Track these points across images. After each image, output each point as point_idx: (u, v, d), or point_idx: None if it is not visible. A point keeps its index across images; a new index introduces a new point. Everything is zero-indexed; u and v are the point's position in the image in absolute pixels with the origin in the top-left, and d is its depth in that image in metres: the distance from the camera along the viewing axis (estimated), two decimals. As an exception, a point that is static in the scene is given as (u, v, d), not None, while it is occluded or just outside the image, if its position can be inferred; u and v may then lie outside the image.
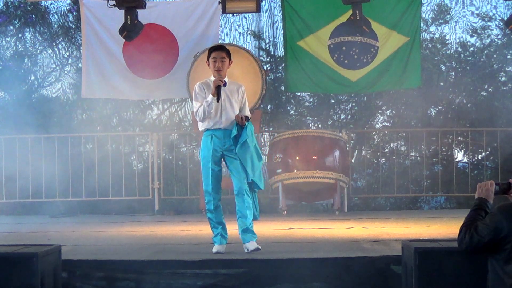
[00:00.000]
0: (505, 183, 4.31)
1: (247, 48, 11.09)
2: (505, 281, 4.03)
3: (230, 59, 6.57)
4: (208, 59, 6.59)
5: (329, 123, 12.30)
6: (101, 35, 10.87)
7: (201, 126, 6.58)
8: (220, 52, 6.55)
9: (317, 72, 10.84)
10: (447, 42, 12.21)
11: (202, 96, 6.52)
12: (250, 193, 6.52)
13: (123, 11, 9.29)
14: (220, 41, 10.89)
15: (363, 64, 10.78)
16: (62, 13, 12.36)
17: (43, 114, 11.53)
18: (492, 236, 4.05)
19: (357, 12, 9.47)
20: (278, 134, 10.49)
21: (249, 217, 6.48)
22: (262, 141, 11.52)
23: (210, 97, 6.41)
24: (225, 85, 6.48)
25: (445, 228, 8.17)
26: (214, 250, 6.47)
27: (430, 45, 12.20)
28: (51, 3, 12.24)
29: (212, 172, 6.45)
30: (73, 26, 12.23)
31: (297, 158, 9.98)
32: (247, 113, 6.62)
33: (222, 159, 6.56)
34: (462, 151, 11.97)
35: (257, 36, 12.21)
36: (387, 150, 12.22)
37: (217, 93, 6.39)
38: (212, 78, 6.55)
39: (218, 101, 6.39)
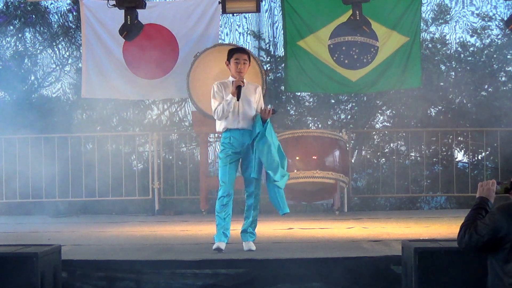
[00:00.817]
0: (506, 182, 4.31)
1: (247, 48, 11.10)
2: (505, 281, 4.03)
3: (250, 63, 6.78)
4: (228, 59, 6.73)
5: (329, 123, 12.29)
6: (101, 35, 10.87)
7: (219, 126, 6.73)
8: (243, 54, 6.74)
9: (317, 72, 10.83)
10: (447, 42, 12.20)
11: (220, 95, 6.68)
12: (275, 188, 6.61)
13: (123, 11, 9.28)
14: (220, 41, 10.89)
15: (363, 64, 10.77)
16: (62, 13, 12.35)
17: (43, 114, 11.53)
18: (491, 235, 4.05)
19: (357, 12, 9.46)
20: (278, 134, 10.46)
21: (252, 218, 6.68)
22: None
23: (230, 96, 6.59)
24: (238, 97, 6.62)
25: (445, 228, 8.18)
26: (214, 246, 6.55)
27: (430, 45, 12.19)
28: (51, 3, 12.23)
29: (229, 170, 6.61)
30: (73, 26, 12.22)
31: (297, 158, 9.97)
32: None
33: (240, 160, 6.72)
34: (462, 151, 11.96)
35: (257, 36, 12.21)
36: (387, 150, 12.21)
37: (238, 92, 6.55)
38: (231, 79, 6.73)
39: (238, 100, 6.56)
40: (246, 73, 6.72)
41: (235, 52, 6.75)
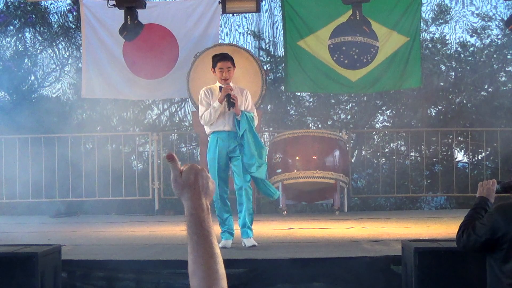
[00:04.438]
0: (507, 182, 4.30)
1: (247, 48, 11.10)
2: (503, 281, 4.02)
3: (234, 66, 6.89)
4: (213, 67, 6.84)
5: (329, 123, 12.30)
6: (101, 35, 10.87)
7: (207, 129, 6.95)
8: (226, 62, 6.82)
9: (317, 72, 10.84)
10: (447, 42, 12.21)
11: (207, 101, 6.84)
12: (261, 180, 6.83)
13: (123, 11, 9.28)
14: (220, 41, 10.89)
15: (363, 64, 10.77)
16: (62, 13, 12.36)
17: (43, 114, 11.53)
18: (488, 235, 4.04)
19: (357, 12, 9.46)
20: (278, 134, 10.49)
21: (246, 213, 6.78)
22: (262, 141, 11.51)
23: (216, 104, 6.75)
24: (229, 107, 6.76)
25: (445, 228, 8.17)
26: (220, 245, 6.62)
27: (430, 45, 12.20)
28: (51, 3, 12.24)
29: (218, 173, 6.81)
30: (73, 26, 12.23)
31: (297, 158, 9.98)
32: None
33: (229, 160, 6.89)
34: (462, 151, 11.97)
35: (257, 36, 12.21)
36: (387, 150, 12.22)
37: (227, 101, 6.69)
38: (218, 84, 6.87)
39: (229, 110, 6.72)
40: (232, 78, 6.83)
41: (218, 61, 6.82)
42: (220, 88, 6.78)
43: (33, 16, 12.19)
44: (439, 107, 12.27)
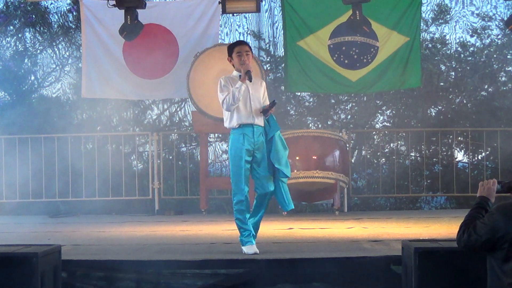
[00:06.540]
0: (507, 181, 4.31)
1: (247, 47, 11.08)
2: (503, 280, 4.03)
3: (252, 53, 6.63)
4: (230, 55, 6.56)
5: (329, 123, 12.29)
6: (101, 35, 10.87)
7: (230, 122, 6.49)
8: (243, 46, 6.59)
9: (317, 72, 10.84)
10: (447, 42, 12.20)
11: (227, 88, 6.46)
12: (281, 183, 6.50)
13: (123, 11, 9.29)
14: (220, 41, 10.90)
15: (363, 64, 10.78)
16: (62, 13, 12.35)
17: (43, 114, 11.53)
18: (489, 235, 4.04)
19: (357, 12, 9.46)
20: (278, 134, 10.48)
21: (258, 218, 6.52)
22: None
23: (239, 83, 6.42)
24: (250, 79, 6.48)
25: (445, 228, 8.18)
26: (250, 251, 6.34)
27: (430, 45, 12.20)
28: (51, 3, 12.23)
29: (244, 171, 6.39)
30: (73, 26, 12.22)
31: (297, 158, 9.97)
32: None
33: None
34: (462, 151, 11.96)
35: (257, 36, 12.20)
36: (387, 150, 12.21)
37: (249, 76, 6.41)
38: (235, 73, 6.57)
39: (250, 81, 6.41)
40: (251, 64, 6.53)
41: (236, 45, 6.59)
42: (240, 76, 6.47)
43: (33, 16, 12.18)
44: (439, 107, 12.26)
